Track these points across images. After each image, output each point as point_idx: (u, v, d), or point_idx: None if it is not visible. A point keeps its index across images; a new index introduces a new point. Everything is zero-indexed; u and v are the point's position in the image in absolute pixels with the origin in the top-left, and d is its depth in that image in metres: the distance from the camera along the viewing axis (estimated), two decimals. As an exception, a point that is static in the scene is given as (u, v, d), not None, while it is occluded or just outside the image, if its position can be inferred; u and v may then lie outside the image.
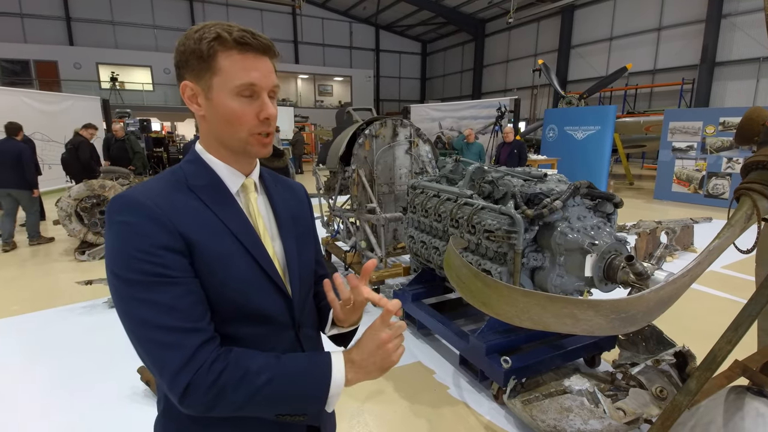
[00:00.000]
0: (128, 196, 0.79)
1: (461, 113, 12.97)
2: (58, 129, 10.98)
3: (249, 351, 0.80)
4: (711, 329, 2.82)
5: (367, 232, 4.45)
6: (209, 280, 0.81)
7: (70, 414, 2.63)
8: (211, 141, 0.89)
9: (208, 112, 0.85)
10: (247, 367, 0.76)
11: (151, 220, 0.76)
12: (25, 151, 5.99)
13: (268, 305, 0.88)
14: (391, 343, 0.84)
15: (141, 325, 0.74)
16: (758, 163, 1.36)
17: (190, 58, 0.83)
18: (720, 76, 15.98)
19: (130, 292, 0.74)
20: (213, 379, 0.73)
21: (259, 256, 0.87)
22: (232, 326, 0.85)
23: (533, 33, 23.41)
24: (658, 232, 5.51)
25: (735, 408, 1.52)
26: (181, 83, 0.86)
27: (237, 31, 0.82)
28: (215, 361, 0.74)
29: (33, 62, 20.61)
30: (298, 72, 27.31)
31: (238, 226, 0.86)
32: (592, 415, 2.25)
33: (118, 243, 0.76)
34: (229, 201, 0.88)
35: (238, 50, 0.82)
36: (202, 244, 0.80)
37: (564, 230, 2.37)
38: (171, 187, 0.84)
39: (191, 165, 0.89)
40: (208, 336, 0.77)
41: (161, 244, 0.76)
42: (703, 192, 9.74)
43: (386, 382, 2.96)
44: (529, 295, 1.30)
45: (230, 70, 0.82)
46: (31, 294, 4.59)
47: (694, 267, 1.26)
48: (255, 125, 0.85)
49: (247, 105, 0.84)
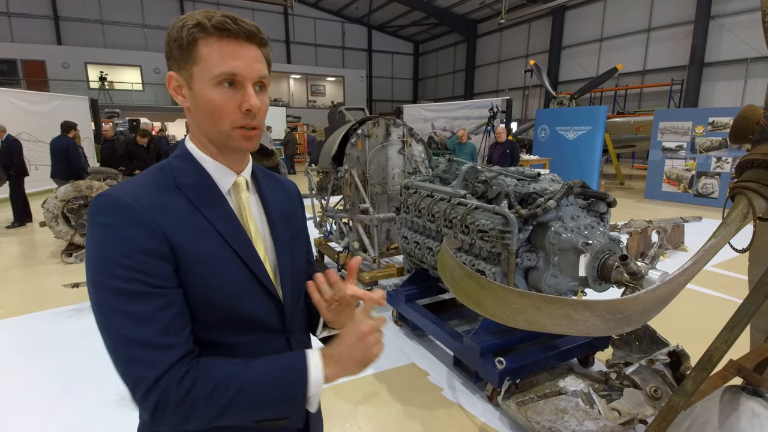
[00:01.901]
0: (112, 196, 0.75)
1: (454, 113, 12.99)
2: (46, 129, 10.80)
3: (219, 361, 0.76)
4: (703, 328, 2.83)
5: (360, 233, 4.42)
6: (196, 286, 0.77)
7: (57, 418, 2.58)
8: (198, 135, 0.85)
9: (191, 103, 0.82)
10: (215, 380, 0.72)
11: (136, 222, 0.73)
12: (71, 146, 7.03)
13: (258, 310, 0.85)
14: (372, 335, 0.81)
15: (117, 336, 0.71)
16: (753, 162, 1.35)
17: (173, 48, 0.80)
18: (709, 76, 16.19)
19: (108, 300, 0.72)
20: (182, 395, 0.70)
21: (249, 260, 0.83)
22: (220, 332, 0.82)
23: (524, 34, 23.54)
24: (649, 231, 5.54)
25: (731, 408, 1.51)
26: (167, 74, 0.83)
27: (218, 17, 0.77)
28: (184, 377, 0.71)
29: (20, 62, 20.34)
30: (290, 72, 27.20)
31: (229, 229, 0.82)
32: (587, 416, 2.24)
33: (99, 246, 0.72)
34: (219, 201, 0.84)
35: (217, 37, 0.77)
36: (189, 249, 0.77)
37: (558, 230, 2.35)
38: (158, 185, 0.80)
39: (180, 161, 0.85)
40: (183, 352, 0.73)
41: (145, 249, 0.72)
42: (693, 191, 9.84)
43: (380, 384, 2.93)
44: (525, 296, 1.27)
45: (209, 58, 0.77)
46: (16, 297, 4.50)
47: (690, 266, 1.24)
48: (237, 118, 0.80)
49: (229, 96, 0.79)
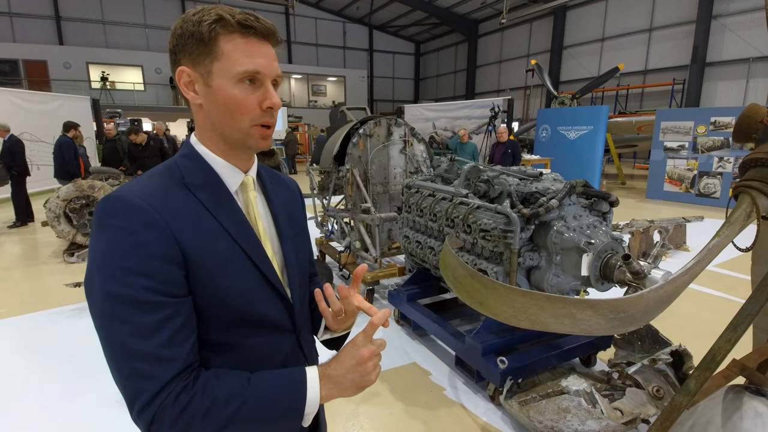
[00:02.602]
0: (121, 197, 0.72)
1: (455, 113, 12.99)
2: (47, 129, 10.84)
3: (219, 375, 0.75)
4: (706, 327, 2.82)
5: (362, 232, 4.42)
6: (207, 288, 0.76)
7: (57, 418, 2.58)
8: (209, 133, 0.83)
9: (206, 100, 0.80)
10: (214, 396, 0.71)
11: (147, 225, 0.70)
12: (64, 145, 7.16)
13: (269, 310, 0.85)
14: (371, 360, 0.80)
15: (119, 346, 0.69)
16: (757, 161, 1.35)
17: (188, 42, 0.77)
18: (710, 76, 16.15)
19: (113, 308, 0.69)
20: (179, 411, 0.68)
21: (259, 261, 0.82)
22: (232, 333, 0.81)
23: (526, 34, 23.51)
24: (651, 231, 5.53)
25: (733, 408, 1.51)
26: (177, 69, 0.80)
27: (240, 14, 0.77)
28: (181, 393, 0.69)
29: (22, 62, 20.33)
30: (291, 72, 27.18)
31: (238, 229, 0.81)
32: (590, 416, 2.23)
33: (108, 251, 0.70)
34: (228, 201, 0.82)
35: (240, 34, 0.76)
36: (201, 251, 0.75)
37: (560, 229, 2.35)
38: (167, 186, 0.78)
39: (187, 160, 0.83)
40: (183, 365, 0.71)
41: (157, 254, 0.70)
42: (695, 191, 9.82)
43: (382, 383, 2.93)
44: (527, 295, 1.27)
45: (232, 55, 0.76)
46: (18, 296, 4.51)
47: (694, 266, 1.24)
48: (257, 115, 0.80)
49: (250, 93, 0.78)
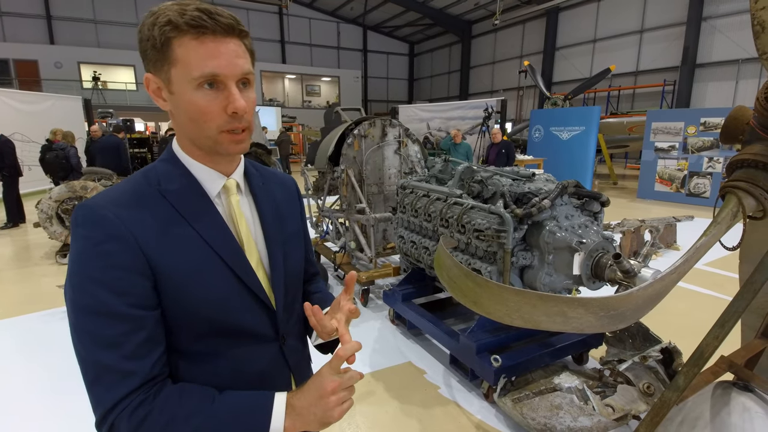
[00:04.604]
0: (89, 207, 0.72)
1: (449, 114, 13.04)
2: (39, 129, 10.71)
3: (183, 391, 0.73)
4: (695, 325, 2.87)
5: (357, 233, 4.43)
6: (178, 299, 0.74)
7: (52, 420, 2.57)
8: (183, 139, 0.80)
9: (172, 107, 0.76)
10: (173, 414, 0.69)
11: (111, 236, 0.69)
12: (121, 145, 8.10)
13: (247, 320, 0.82)
14: (335, 395, 0.73)
15: (84, 354, 0.69)
16: (743, 162, 1.38)
17: (147, 48, 0.72)
18: (700, 77, 16.34)
19: (78, 317, 0.69)
20: (135, 425, 0.67)
21: (237, 268, 0.79)
22: (207, 343, 0.80)
23: (519, 35, 23.64)
24: (642, 230, 5.60)
25: (722, 403, 1.54)
26: (144, 76, 0.77)
27: (191, 12, 0.69)
28: (139, 407, 0.67)
29: (13, 61, 20.12)
30: (285, 72, 27.16)
31: (215, 236, 0.78)
32: (582, 412, 2.27)
33: (75, 260, 0.70)
34: (205, 207, 0.79)
35: (192, 35, 0.70)
36: (170, 262, 0.73)
37: (552, 229, 2.38)
38: (139, 194, 0.76)
39: (166, 165, 0.80)
40: (144, 379, 0.69)
41: (121, 264, 0.69)
42: (685, 191, 9.94)
43: (376, 382, 2.94)
44: (520, 294, 1.29)
45: (186, 59, 0.70)
46: (11, 298, 4.47)
47: (682, 264, 1.27)
48: (223, 121, 0.74)
49: (212, 98, 0.72)
